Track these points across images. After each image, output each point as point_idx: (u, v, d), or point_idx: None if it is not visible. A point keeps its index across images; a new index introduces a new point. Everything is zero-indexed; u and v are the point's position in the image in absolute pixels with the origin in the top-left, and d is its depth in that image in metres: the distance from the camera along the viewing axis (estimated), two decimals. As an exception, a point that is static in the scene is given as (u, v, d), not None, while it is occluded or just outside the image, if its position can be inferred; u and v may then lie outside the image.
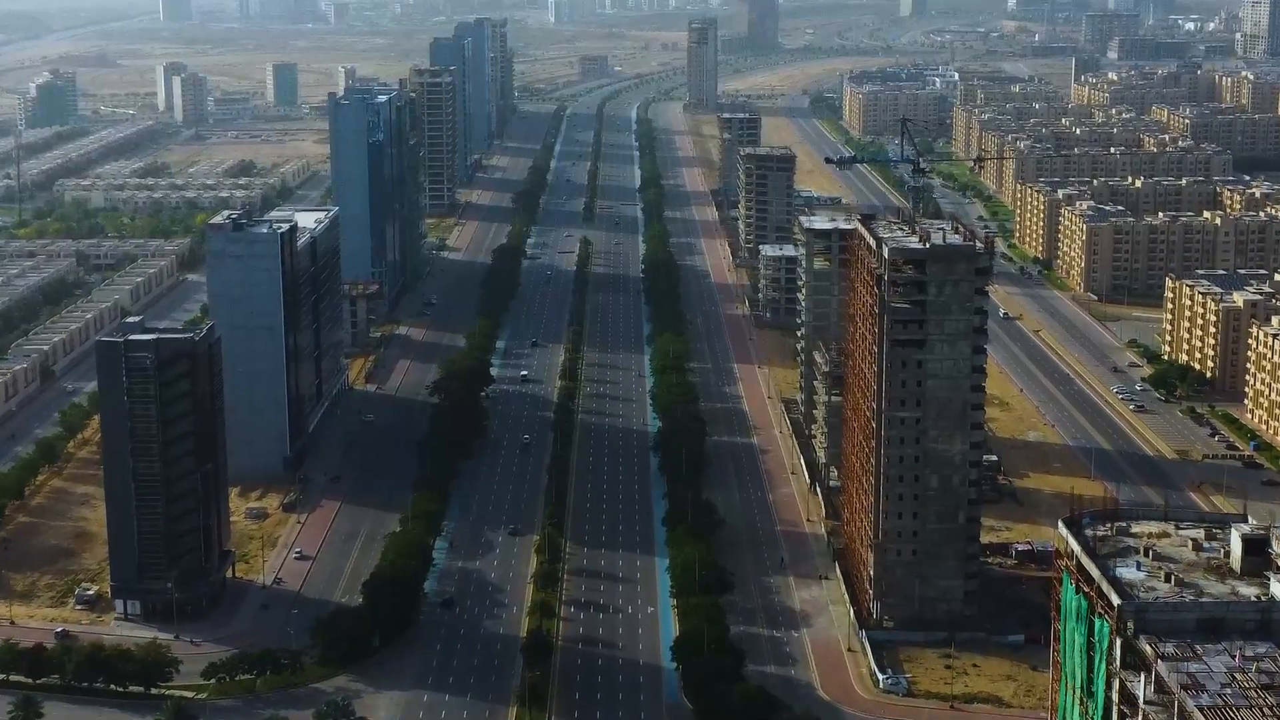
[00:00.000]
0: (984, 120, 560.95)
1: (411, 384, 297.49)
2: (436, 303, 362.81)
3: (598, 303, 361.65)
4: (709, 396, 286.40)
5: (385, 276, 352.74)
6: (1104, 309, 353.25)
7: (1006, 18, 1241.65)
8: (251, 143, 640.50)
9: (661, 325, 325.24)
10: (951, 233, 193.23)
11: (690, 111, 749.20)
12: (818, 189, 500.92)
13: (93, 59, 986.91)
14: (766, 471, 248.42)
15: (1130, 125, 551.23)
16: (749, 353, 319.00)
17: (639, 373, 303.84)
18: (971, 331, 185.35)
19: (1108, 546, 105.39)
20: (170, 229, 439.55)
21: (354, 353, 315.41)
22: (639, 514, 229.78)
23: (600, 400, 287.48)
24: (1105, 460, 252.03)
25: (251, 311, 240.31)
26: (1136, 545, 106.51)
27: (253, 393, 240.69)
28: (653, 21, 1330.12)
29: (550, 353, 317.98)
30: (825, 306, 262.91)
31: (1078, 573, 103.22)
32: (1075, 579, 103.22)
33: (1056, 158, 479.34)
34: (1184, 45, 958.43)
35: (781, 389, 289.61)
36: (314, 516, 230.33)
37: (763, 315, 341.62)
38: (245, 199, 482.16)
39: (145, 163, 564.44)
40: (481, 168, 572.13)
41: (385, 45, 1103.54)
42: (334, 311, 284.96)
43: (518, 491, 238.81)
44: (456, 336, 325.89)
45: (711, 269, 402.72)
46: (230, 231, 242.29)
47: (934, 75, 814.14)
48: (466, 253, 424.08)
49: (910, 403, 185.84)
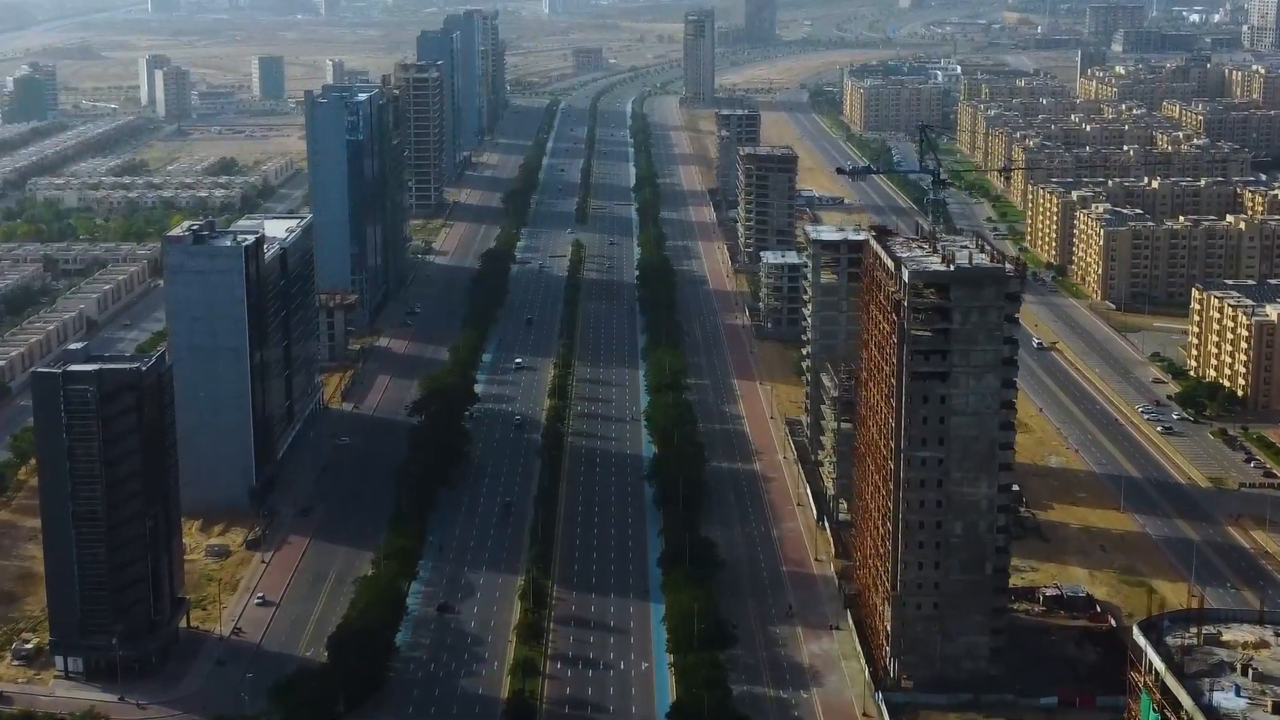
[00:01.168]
0: (990, 117, 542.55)
1: (391, 402, 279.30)
2: (420, 312, 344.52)
3: (590, 312, 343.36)
4: (708, 416, 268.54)
5: (366, 284, 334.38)
6: (1123, 319, 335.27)
7: (1007, 9, 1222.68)
8: (235, 138, 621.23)
9: (657, 337, 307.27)
10: (977, 252, 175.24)
11: (687, 106, 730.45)
12: (819, 189, 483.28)
13: (76, 51, 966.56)
14: (770, 503, 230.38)
15: (1142, 122, 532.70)
16: (750, 367, 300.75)
17: (633, 390, 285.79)
18: (1000, 363, 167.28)
19: (1196, 662, 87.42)
20: (145, 231, 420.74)
21: (331, 367, 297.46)
22: (633, 553, 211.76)
23: (591, 421, 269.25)
24: (1134, 489, 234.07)
25: (213, 331, 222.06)
26: (1231, 660, 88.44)
27: (215, 419, 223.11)
28: (648, 13, 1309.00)
29: (539, 367, 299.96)
30: (833, 323, 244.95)
31: (1161, 696, 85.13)
32: (1158, 703, 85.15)
33: (1069, 157, 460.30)
34: (1190, 38, 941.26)
35: (785, 408, 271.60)
36: (280, 555, 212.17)
37: (764, 326, 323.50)
38: (224, 199, 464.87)
39: (123, 160, 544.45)
40: (471, 165, 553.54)
41: (376, 37, 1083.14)
42: (307, 326, 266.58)
43: (501, 526, 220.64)
44: (440, 349, 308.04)
45: (709, 274, 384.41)
46: (190, 244, 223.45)
47: (936, 69, 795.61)
48: (454, 256, 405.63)
49: (932, 441, 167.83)
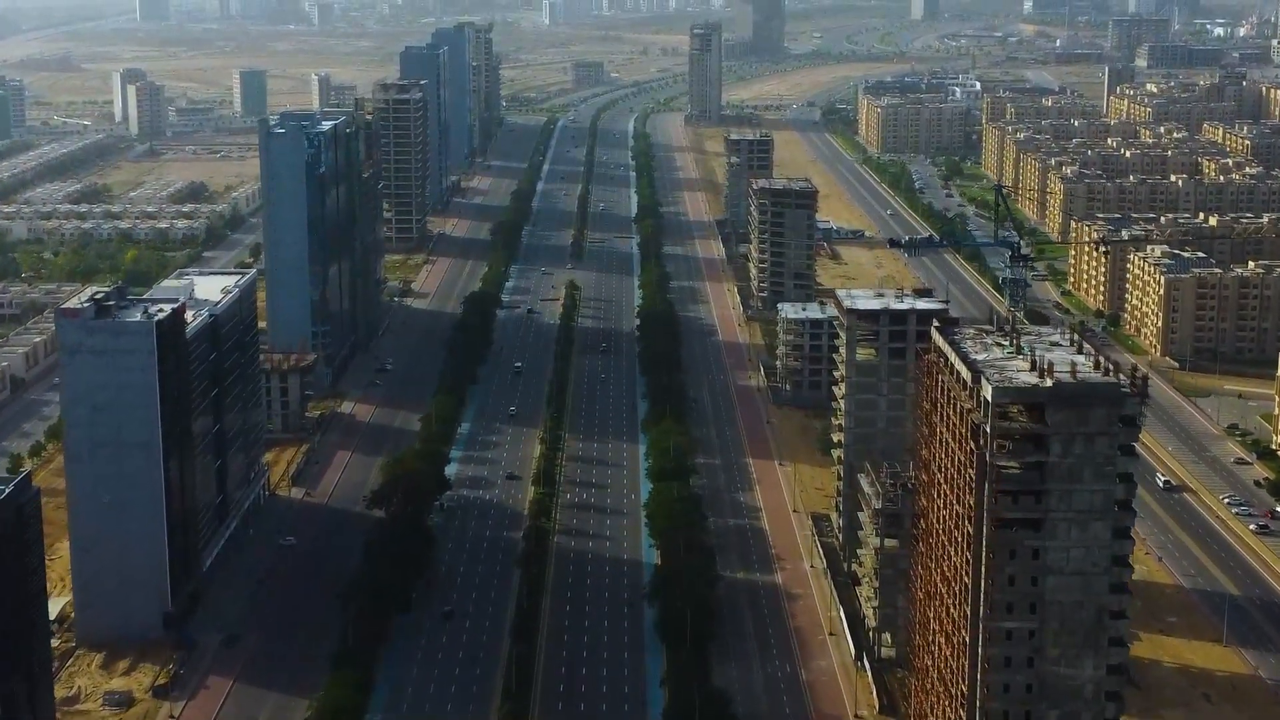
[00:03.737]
0: (1020, 140, 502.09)
1: (350, 486, 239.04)
2: (392, 368, 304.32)
3: (584, 369, 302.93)
4: (718, 509, 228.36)
5: (330, 337, 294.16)
6: (1189, 380, 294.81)
7: (1023, 20, 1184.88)
8: (210, 159, 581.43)
9: (659, 404, 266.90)
10: (1075, 353, 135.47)
11: (692, 124, 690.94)
12: (836, 219, 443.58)
13: (55, 62, 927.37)
14: (796, 630, 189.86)
15: (1185, 147, 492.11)
16: (767, 443, 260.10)
17: (632, 472, 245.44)
18: (1111, 507, 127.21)
19: None
20: (95, 267, 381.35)
21: (285, 440, 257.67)
22: (629, 708, 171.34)
23: (583, 514, 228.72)
24: (1236, 614, 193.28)
25: (118, 424, 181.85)
26: None
27: (122, 529, 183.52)
28: (652, 24, 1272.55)
29: (524, 439, 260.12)
30: (870, 409, 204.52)
31: None
32: None
33: (1112, 188, 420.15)
34: (1217, 52, 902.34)
35: (809, 498, 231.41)
36: (195, 706, 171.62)
37: (781, 389, 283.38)
38: (187, 230, 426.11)
39: (84, 185, 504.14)
40: (460, 191, 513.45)
41: (370, 48, 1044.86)
42: (249, 400, 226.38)
43: (469, 667, 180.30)
44: (412, 416, 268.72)
45: (719, 321, 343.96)
46: (89, 319, 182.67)
47: (954, 84, 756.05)
48: (434, 299, 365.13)
49: (1021, 608, 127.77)
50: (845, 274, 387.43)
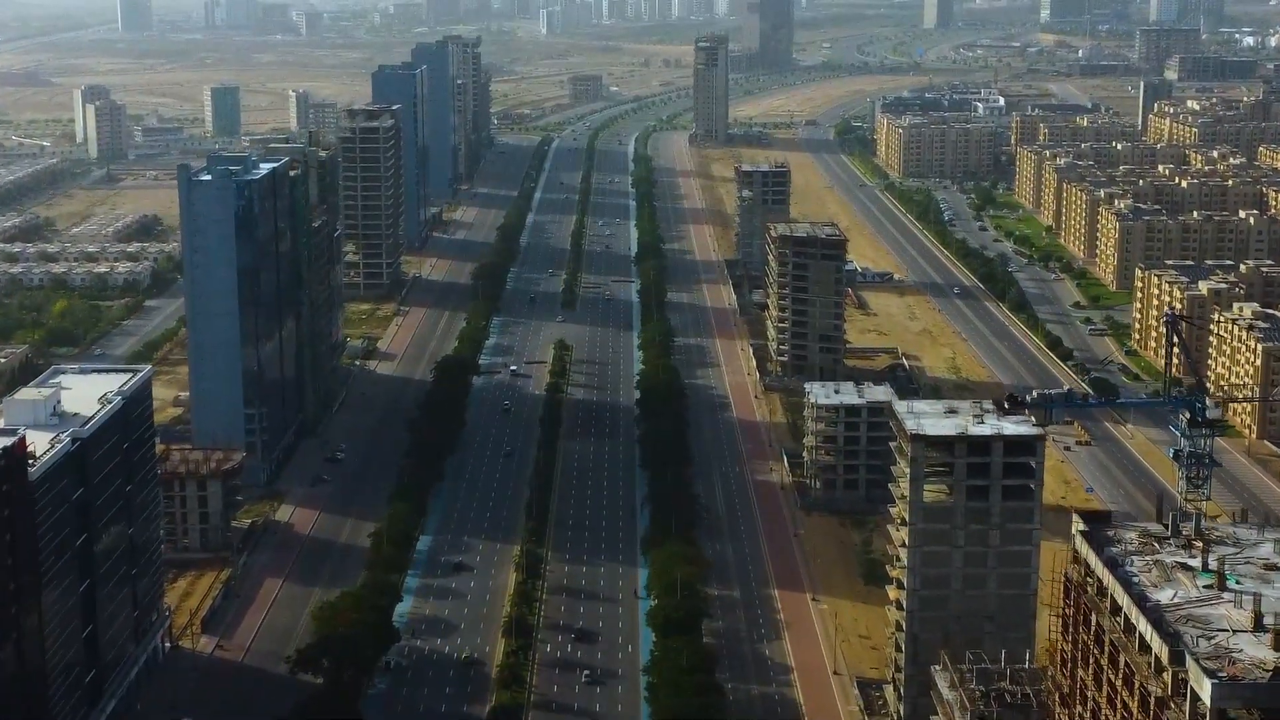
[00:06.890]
0: (1060, 168, 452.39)
1: (274, 635, 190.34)
2: (344, 457, 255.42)
3: (572, 459, 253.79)
4: (739, 667, 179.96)
5: (269, 420, 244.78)
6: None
7: (1041, 30, 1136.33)
8: (171, 186, 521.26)
9: (663, 512, 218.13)
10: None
11: (698, 144, 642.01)
12: (859, 257, 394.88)
13: (21, 76, 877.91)
14: None
15: (1245, 175, 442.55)
16: (796, 569, 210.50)
17: (629, 613, 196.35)
18: None
19: None
20: (19, 321, 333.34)
21: (204, 560, 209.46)
22: None
23: (565, 678, 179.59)
24: None
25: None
26: None
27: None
28: (654, 33, 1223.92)
29: (495, 558, 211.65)
30: (941, 564, 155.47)
31: None
32: None
33: (1174, 226, 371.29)
34: (1250, 64, 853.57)
35: (851, 651, 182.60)
36: None
37: (811, 489, 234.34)
38: (129, 275, 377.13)
39: (24, 219, 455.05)
40: (441, 225, 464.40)
41: (358, 60, 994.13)
42: (143, 532, 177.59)
43: None
44: (362, 525, 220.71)
45: (731, 391, 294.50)
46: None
47: (976, 100, 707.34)
48: (403, 362, 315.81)
49: None
50: (876, 327, 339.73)
